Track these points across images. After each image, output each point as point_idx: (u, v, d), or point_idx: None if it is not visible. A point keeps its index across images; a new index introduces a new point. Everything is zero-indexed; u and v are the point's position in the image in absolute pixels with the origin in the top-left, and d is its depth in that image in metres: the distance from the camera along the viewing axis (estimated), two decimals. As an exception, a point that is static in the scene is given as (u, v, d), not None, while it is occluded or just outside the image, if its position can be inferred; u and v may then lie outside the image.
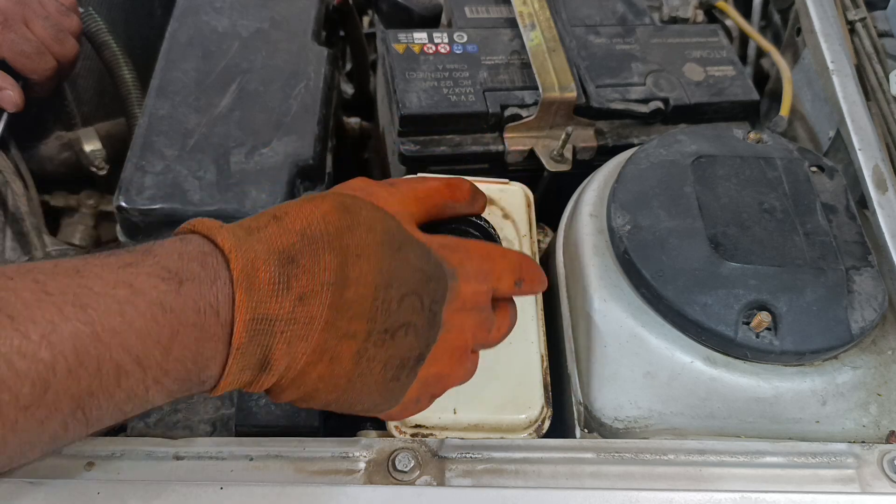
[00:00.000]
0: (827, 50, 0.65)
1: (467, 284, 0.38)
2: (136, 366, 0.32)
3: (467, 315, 0.39)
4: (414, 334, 0.37)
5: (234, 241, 0.34)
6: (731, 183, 0.54)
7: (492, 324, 0.41)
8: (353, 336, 0.35)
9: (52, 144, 0.70)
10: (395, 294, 0.36)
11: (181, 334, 0.32)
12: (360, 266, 0.35)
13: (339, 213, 0.36)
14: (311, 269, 0.34)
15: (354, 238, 0.36)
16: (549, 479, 0.45)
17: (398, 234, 0.37)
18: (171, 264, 0.33)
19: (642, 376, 0.50)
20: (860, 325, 0.48)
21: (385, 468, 0.44)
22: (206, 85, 0.64)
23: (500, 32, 0.70)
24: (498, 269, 0.40)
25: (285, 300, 0.34)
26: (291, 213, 0.36)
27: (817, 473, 0.46)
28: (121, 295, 0.31)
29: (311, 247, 0.35)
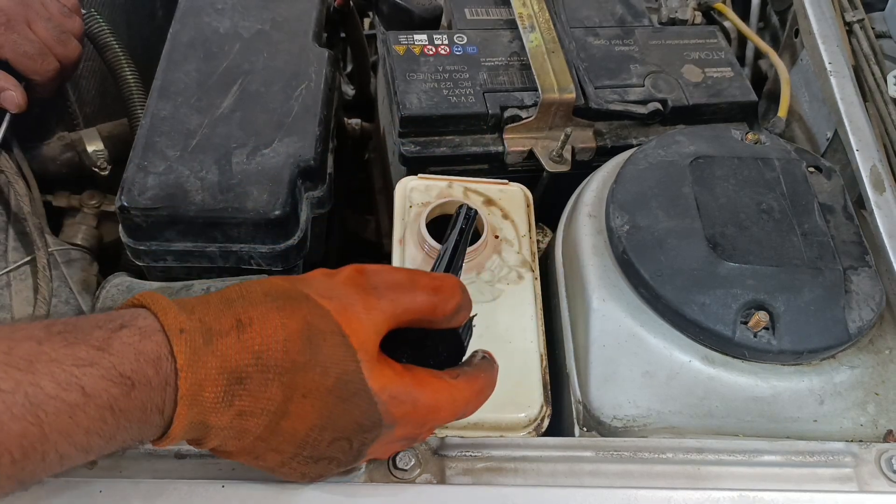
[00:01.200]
0: (825, 51, 0.65)
1: (403, 430, 0.39)
2: (81, 454, 0.34)
3: (395, 445, 0.42)
4: (336, 464, 0.40)
5: (189, 354, 0.35)
6: (730, 183, 0.55)
7: (419, 440, 0.44)
8: (280, 452, 0.38)
9: (55, 145, 0.70)
10: (328, 436, 0.38)
11: (125, 429, 0.34)
12: (303, 405, 0.36)
13: (301, 344, 0.36)
14: (255, 394, 0.36)
15: (306, 378, 0.36)
16: (548, 478, 0.45)
17: (351, 384, 0.37)
18: (125, 367, 0.34)
19: (641, 375, 0.50)
20: (858, 325, 0.48)
21: (385, 466, 0.45)
22: (208, 86, 0.64)
23: (500, 34, 0.70)
24: (440, 418, 0.40)
25: (225, 414, 0.36)
26: (255, 325, 0.36)
27: (815, 472, 0.46)
28: (72, 399, 0.32)
29: (262, 374, 0.36)
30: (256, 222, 0.57)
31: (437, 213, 0.57)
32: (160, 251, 0.59)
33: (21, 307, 0.60)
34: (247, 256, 0.59)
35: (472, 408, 0.42)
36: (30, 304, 0.60)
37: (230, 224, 0.57)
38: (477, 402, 0.42)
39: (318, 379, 0.36)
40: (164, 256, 0.59)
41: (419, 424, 0.40)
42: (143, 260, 0.60)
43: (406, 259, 0.55)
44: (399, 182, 0.60)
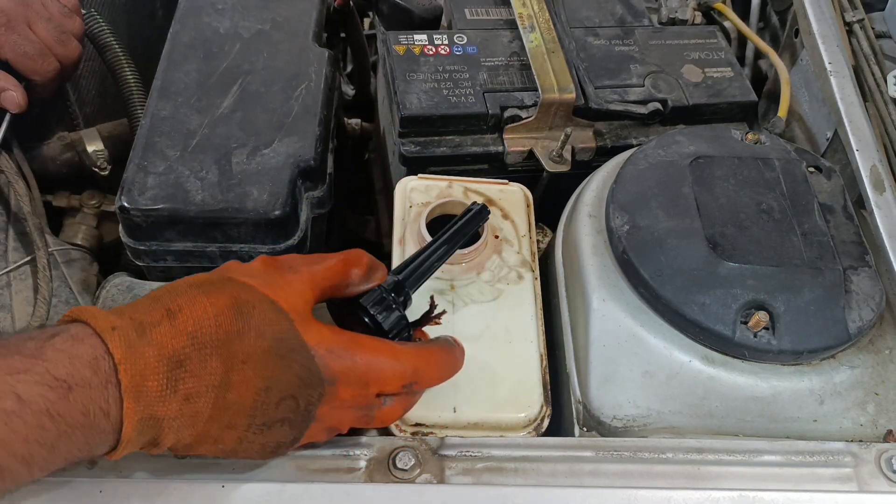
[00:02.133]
0: (825, 51, 0.65)
1: (347, 389, 0.40)
2: (22, 465, 0.33)
3: (345, 412, 0.41)
4: (289, 426, 0.40)
5: (125, 348, 0.35)
6: (729, 183, 0.55)
7: (372, 418, 0.43)
8: (234, 427, 0.39)
9: (55, 145, 0.70)
10: (274, 397, 0.38)
11: (68, 435, 0.34)
12: (244, 372, 0.38)
13: (232, 315, 0.38)
14: (197, 374, 0.36)
15: (243, 345, 0.37)
16: (548, 478, 0.45)
17: (287, 341, 0.39)
18: (60, 371, 0.34)
19: (641, 375, 0.50)
20: (857, 325, 0.48)
21: (385, 466, 0.45)
22: (208, 86, 0.64)
23: (500, 34, 0.71)
24: (385, 376, 0.41)
25: (172, 402, 0.36)
26: (185, 310, 0.37)
27: (815, 472, 0.46)
28: (7, 406, 0.32)
29: (200, 352, 0.37)
30: (256, 222, 0.57)
31: (437, 213, 0.57)
32: (160, 251, 0.59)
33: (21, 307, 0.60)
34: (247, 256, 0.59)
35: (426, 376, 0.43)
36: (30, 304, 0.60)
37: (230, 224, 0.57)
38: (430, 371, 0.43)
39: (255, 342, 0.38)
40: (164, 256, 0.59)
41: (362, 383, 0.40)
42: (143, 260, 0.60)
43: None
44: (399, 182, 0.60)
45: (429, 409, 0.48)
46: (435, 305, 0.47)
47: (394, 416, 0.44)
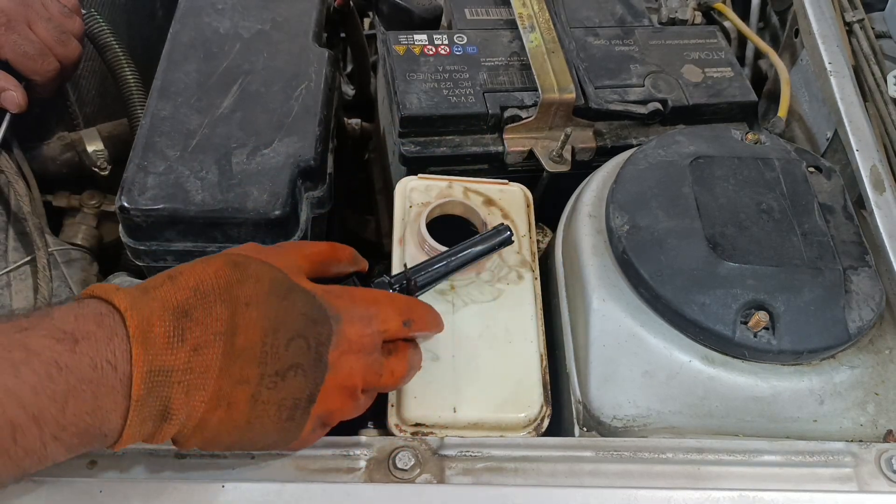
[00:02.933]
0: (825, 51, 0.65)
1: (352, 327, 0.41)
2: (32, 423, 0.33)
3: (355, 357, 0.41)
4: (303, 375, 0.39)
5: (130, 300, 0.37)
6: (729, 183, 0.55)
7: (381, 367, 0.43)
8: (247, 381, 0.38)
9: (55, 145, 0.70)
10: (282, 338, 0.39)
11: (77, 390, 0.34)
12: (249, 314, 0.38)
13: (230, 268, 0.40)
14: (203, 322, 0.37)
15: (244, 289, 0.39)
16: (548, 478, 0.45)
17: (285, 283, 0.40)
18: (66, 326, 0.35)
19: (641, 375, 0.50)
20: (857, 325, 0.48)
21: (385, 466, 0.45)
22: (208, 86, 0.64)
23: (500, 34, 0.70)
24: (383, 313, 0.42)
25: (181, 351, 0.36)
26: (185, 273, 0.39)
27: (815, 472, 0.46)
28: (16, 357, 0.33)
29: (204, 301, 0.38)
30: (256, 222, 0.57)
31: (437, 213, 0.57)
32: (160, 251, 0.59)
33: (21, 307, 0.60)
34: (247, 256, 0.59)
35: (419, 313, 0.45)
36: (30, 303, 0.60)
37: (230, 224, 0.57)
38: (422, 311, 0.45)
39: (254, 286, 0.39)
40: (164, 256, 0.59)
41: (365, 319, 0.41)
42: (143, 260, 0.60)
43: (406, 259, 0.55)
44: (399, 182, 0.60)
45: (429, 409, 0.48)
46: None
47: (401, 371, 0.44)
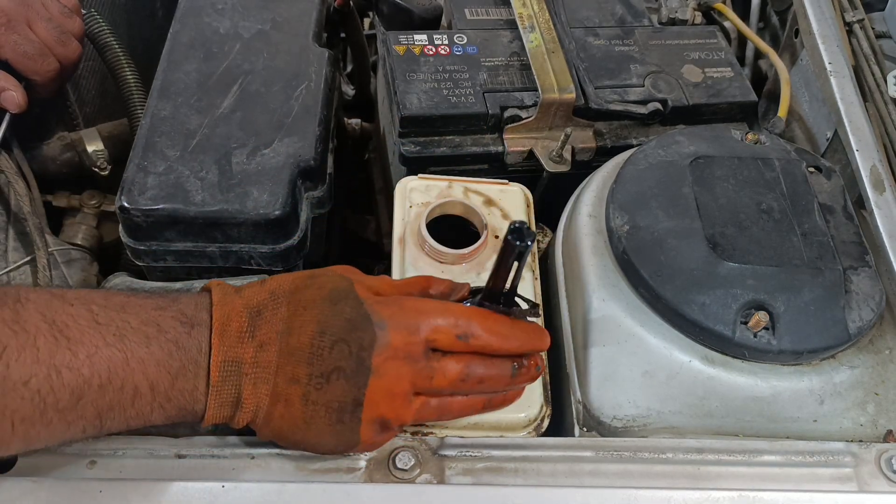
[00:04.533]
0: (825, 51, 0.65)
1: (397, 334, 0.41)
2: (150, 390, 0.39)
3: (401, 363, 0.42)
4: (344, 378, 0.41)
5: (222, 296, 0.42)
6: (729, 183, 0.55)
7: (432, 371, 0.42)
8: (298, 380, 0.41)
9: (55, 145, 0.70)
10: (327, 341, 0.41)
11: (185, 369, 0.40)
12: (303, 316, 0.42)
13: (305, 277, 0.44)
14: (270, 321, 0.42)
15: (306, 294, 0.43)
16: (548, 478, 0.45)
17: (342, 292, 0.43)
18: (188, 311, 0.41)
19: (641, 375, 0.50)
20: (857, 325, 0.48)
21: (385, 466, 0.45)
22: (208, 86, 0.64)
23: (500, 34, 0.70)
24: (432, 322, 0.42)
25: (249, 346, 0.41)
26: (274, 279, 0.44)
27: (815, 472, 0.46)
28: (150, 332, 0.39)
29: (274, 302, 0.43)
30: (256, 222, 0.57)
31: (437, 213, 0.57)
32: (160, 251, 0.59)
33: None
34: (247, 256, 0.59)
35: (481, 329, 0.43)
36: (30, 304, 0.60)
37: (230, 224, 0.57)
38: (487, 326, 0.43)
39: (316, 292, 0.43)
40: (164, 256, 0.59)
41: (412, 328, 0.42)
42: (143, 260, 0.60)
43: (406, 259, 0.55)
44: (399, 182, 0.60)
45: (429, 409, 0.48)
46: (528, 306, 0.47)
47: (454, 371, 0.43)
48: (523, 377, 0.45)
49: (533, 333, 0.45)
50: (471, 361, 0.43)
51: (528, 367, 0.45)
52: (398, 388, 0.42)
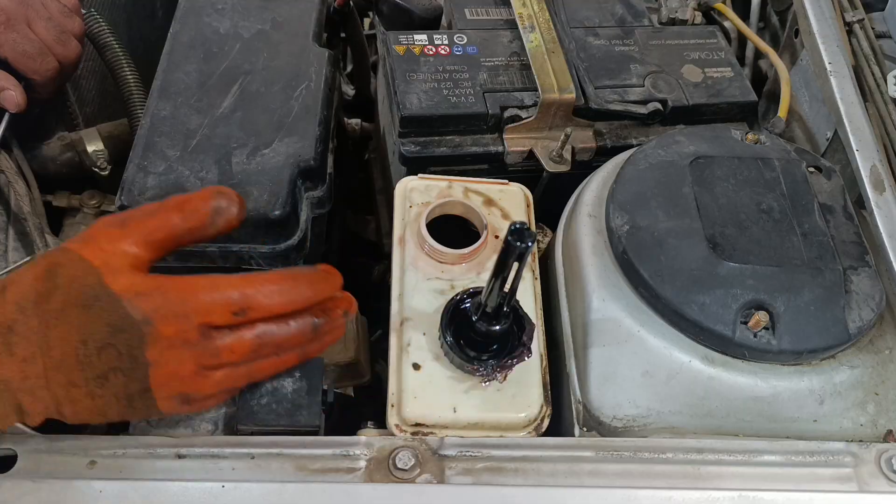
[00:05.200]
0: (825, 51, 0.65)
1: (166, 326, 0.40)
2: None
3: (179, 350, 0.40)
4: (123, 374, 0.40)
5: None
6: (729, 183, 0.55)
7: (216, 350, 0.41)
8: (76, 384, 0.41)
9: (55, 145, 0.70)
10: (92, 349, 0.40)
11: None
12: (58, 329, 0.40)
13: (44, 279, 0.41)
14: (25, 335, 0.40)
15: (52, 304, 0.40)
16: (548, 478, 0.45)
17: (92, 291, 0.40)
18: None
19: (641, 375, 0.50)
20: (857, 325, 0.48)
21: (385, 466, 0.45)
22: (208, 86, 0.64)
23: (500, 34, 0.70)
24: (201, 305, 0.40)
25: (12, 364, 0.40)
26: (13, 284, 0.41)
27: (815, 472, 0.46)
28: None
29: (23, 315, 0.40)
30: (256, 222, 0.57)
31: (437, 213, 0.57)
32: (160, 251, 0.59)
33: None
34: (247, 256, 0.59)
35: (258, 299, 0.41)
36: (30, 304, 0.60)
37: (230, 224, 0.57)
38: (263, 295, 0.41)
39: (63, 298, 0.40)
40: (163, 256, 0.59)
41: (181, 316, 0.40)
42: (143, 260, 0.60)
43: (406, 259, 0.55)
44: (399, 182, 0.60)
45: (429, 409, 0.48)
46: None
47: (243, 345, 0.41)
48: (329, 327, 0.44)
49: (318, 279, 0.43)
50: (261, 330, 0.42)
51: (331, 316, 0.44)
52: (184, 371, 0.41)
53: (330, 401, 0.51)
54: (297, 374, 0.50)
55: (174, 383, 0.41)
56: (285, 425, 0.49)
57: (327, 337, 0.45)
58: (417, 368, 0.50)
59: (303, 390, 0.50)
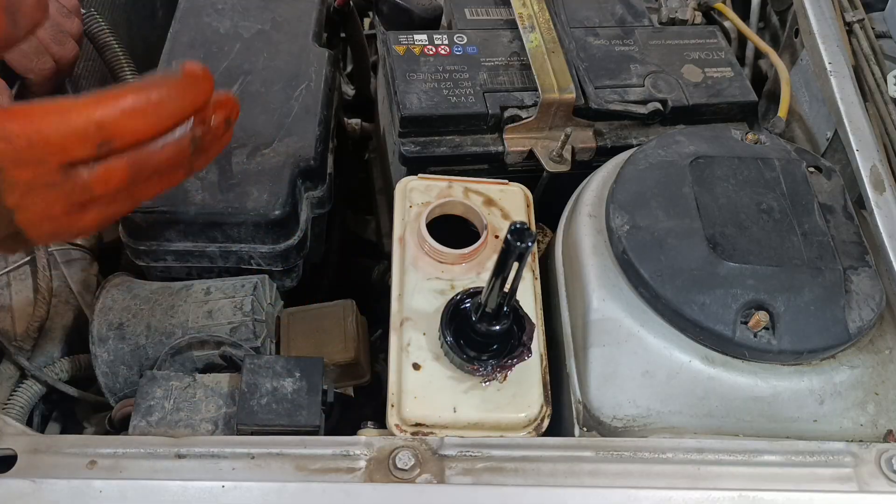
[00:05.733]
0: (825, 51, 0.65)
1: (22, 171, 0.37)
2: None
3: (43, 192, 0.38)
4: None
5: None
6: (730, 183, 0.55)
7: (88, 186, 0.39)
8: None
9: (55, 145, 0.70)
10: None
11: None
12: None
13: None
14: None
15: None
16: (548, 478, 0.45)
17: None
18: None
19: (641, 375, 0.50)
20: (858, 325, 0.48)
21: (385, 466, 0.45)
22: (208, 86, 0.64)
23: (500, 34, 0.70)
24: (55, 145, 0.37)
25: None
26: None
27: (815, 472, 0.46)
28: None
29: None
30: (256, 222, 0.57)
31: (437, 213, 0.57)
32: (160, 251, 0.59)
33: (21, 307, 0.60)
34: (247, 256, 0.59)
35: (121, 124, 0.38)
36: (30, 304, 0.60)
37: (230, 224, 0.57)
38: (126, 118, 0.38)
39: None
40: (164, 256, 0.59)
41: (35, 160, 0.37)
42: (143, 260, 0.60)
43: (406, 259, 0.55)
44: (399, 182, 0.60)
45: (429, 408, 0.48)
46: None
47: (113, 177, 0.39)
48: (211, 137, 0.41)
49: (185, 86, 0.40)
50: (133, 157, 0.39)
51: (212, 125, 0.41)
52: (55, 211, 0.39)
53: (330, 401, 0.51)
54: (298, 374, 0.50)
55: (45, 224, 0.39)
56: (285, 425, 0.49)
57: (212, 148, 0.42)
58: (417, 368, 0.50)
59: (303, 390, 0.50)
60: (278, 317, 0.61)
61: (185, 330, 0.55)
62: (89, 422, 0.62)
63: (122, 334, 0.55)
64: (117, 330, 0.56)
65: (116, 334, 0.56)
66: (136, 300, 0.57)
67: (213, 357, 0.55)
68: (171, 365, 0.55)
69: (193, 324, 0.56)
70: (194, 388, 0.51)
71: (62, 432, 0.62)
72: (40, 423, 0.60)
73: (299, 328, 0.60)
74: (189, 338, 0.55)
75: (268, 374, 0.50)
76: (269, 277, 0.60)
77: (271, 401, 0.49)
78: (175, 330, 0.56)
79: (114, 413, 0.54)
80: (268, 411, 0.49)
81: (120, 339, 0.55)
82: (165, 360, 0.55)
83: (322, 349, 0.59)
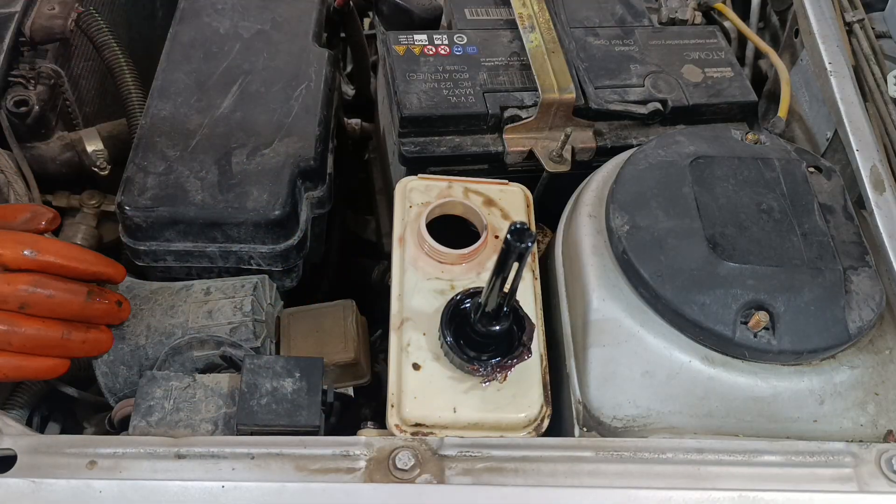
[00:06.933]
0: (825, 51, 0.65)
1: None
2: None
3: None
4: None
5: None
6: (729, 183, 0.55)
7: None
8: None
9: (55, 145, 0.70)
10: None
11: None
12: None
13: None
14: None
15: None
16: (548, 478, 0.45)
17: None
18: None
19: (641, 375, 0.50)
20: (858, 325, 0.48)
21: (385, 466, 0.45)
22: (208, 86, 0.64)
23: (500, 34, 0.70)
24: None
25: None
26: None
27: (815, 472, 0.46)
28: None
29: None
30: (256, 222, 0.57)
31: (437, 213, 0.57)
32: (160, 251, 0.59)
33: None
34: (247, 256, 0.59)
35: (46, 246, 0.47)
36: (30, 304, 0.60)
37: (230, 224, 0.57)
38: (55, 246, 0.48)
39: None
40: (164, 256, 0.59)
41: None
42: (143, 260, 0.60)
43: (406, 259, 0.55)
44: (399, 182, 0.60)
45: (429, 409, 0.48)
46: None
47: (18, 281, 0.46)
48: (99, 306, 0.49)
49: (105, 260, 0.50)
50: (39, 277, 0.47)
51: (105, 296, 0.49)
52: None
53: (330, 401, 0.51)
54: (297, 375, 0.50)
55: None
56: (285, 425, 0.49)
57: (98, 319, 0.50)
58: (417, 368, 0.50)
59: (303, 390, 0.50)
60: (278, 317, 0.61)
61: (185, 330, 0.55)
62: (89, 422, 0.62)
63: (122, 334, 0.55)
64: (117, 330, 0.56)
65: (116, 334, 0.56)
66: (136, 300, 0.57)
67: (213, 357, 0.55)
68: (170, 365, 0.55)
69: (193, 324, 0.56)
70: (194, 389, 0.51)
71: (62, 432, 0.62)
72: (40, 423, 0.60)
73: (299, 328, 0.60)
74: (189, 338, 0.55)
75: (268, 375, 0.50)
76: (269, 277, 0.60)
77: (271, 401, 0.49)
78: (175, 330, 0.56)
79: (114, 413, 0.54)
80: (268, 411, 0.49)
81: (120, 339, 0.55)
82: (165, 360, 0.55)
83: (322, 349, 0.59)
